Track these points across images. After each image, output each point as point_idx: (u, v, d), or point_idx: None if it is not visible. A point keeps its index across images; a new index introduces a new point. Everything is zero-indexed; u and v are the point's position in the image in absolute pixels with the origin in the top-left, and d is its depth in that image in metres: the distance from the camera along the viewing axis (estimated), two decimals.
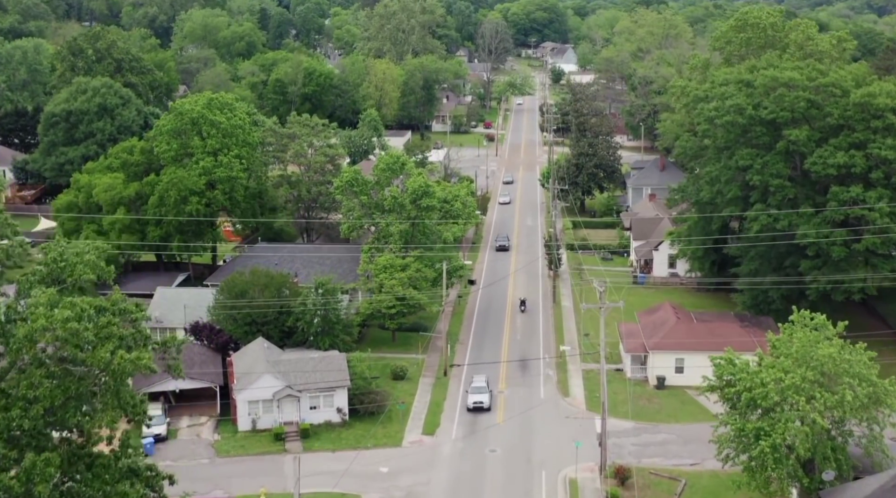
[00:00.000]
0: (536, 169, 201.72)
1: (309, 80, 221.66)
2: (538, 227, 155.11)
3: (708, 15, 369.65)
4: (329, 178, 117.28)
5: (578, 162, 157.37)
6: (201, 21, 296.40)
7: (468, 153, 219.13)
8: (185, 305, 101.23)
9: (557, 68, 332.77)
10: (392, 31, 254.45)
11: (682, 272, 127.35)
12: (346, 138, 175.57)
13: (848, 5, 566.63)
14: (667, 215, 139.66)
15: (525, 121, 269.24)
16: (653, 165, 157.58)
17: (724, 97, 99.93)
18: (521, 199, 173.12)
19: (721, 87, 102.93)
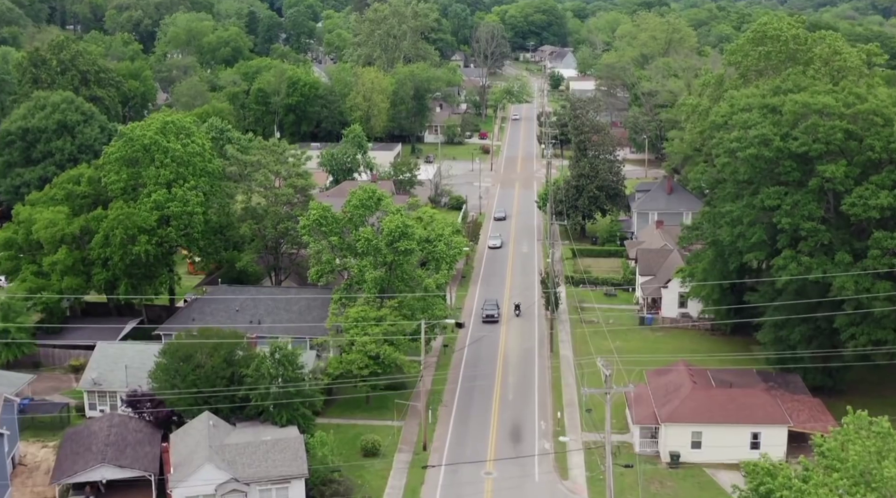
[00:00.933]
0: (534, 186, 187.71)
1: (293, 90, 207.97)
2: (534, 255, 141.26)
3: (711, 17, 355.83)
4: (298, 213, 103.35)
5: (578, 184, 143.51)
6: (185, 26, 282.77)
7: (461, 167, 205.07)
8: (128, 365, 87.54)
9: (556, 74, 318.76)
10: (382, 36, 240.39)
11: (694, 313, 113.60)
12: (327, 156, 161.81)
13: (852, 6, 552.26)
14: (676, 247, 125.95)
15: (522, 130, 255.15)
16: (659, 188, 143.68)
17: (747, 125, 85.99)
18: (516, 223, 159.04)
19: (743, 113, 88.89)
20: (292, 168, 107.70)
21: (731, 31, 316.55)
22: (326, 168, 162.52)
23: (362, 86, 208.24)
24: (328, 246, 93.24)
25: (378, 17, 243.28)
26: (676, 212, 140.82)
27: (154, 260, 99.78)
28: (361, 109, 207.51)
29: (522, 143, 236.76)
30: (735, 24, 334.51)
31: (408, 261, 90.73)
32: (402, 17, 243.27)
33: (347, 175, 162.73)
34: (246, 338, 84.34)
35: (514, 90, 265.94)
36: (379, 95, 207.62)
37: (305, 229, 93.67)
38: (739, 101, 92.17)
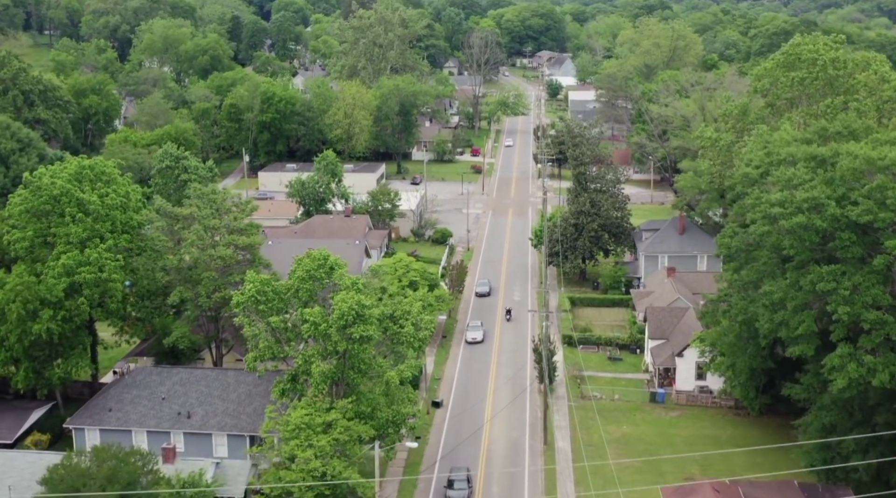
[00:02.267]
0: (528, 214, 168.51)
1: (267, 105, 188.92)
2: (528, 303, 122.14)
3: (716, 22, 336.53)
4: (237, 278, 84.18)
5: (577, 221, 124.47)
6: (162, 33, 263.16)
7: (450, 190, 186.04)
8: (11, 485, 68.69)
9: (554, 82, 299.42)
10: (368, 45, 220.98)
11: (714, 386, 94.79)
12: (297, 185, 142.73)
13: (857, 8, 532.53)
14: (692, 302, 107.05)
15: (518, 145, 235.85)
16: (670, 227, 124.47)
17: (792, 184, 66.88)
18: (508, 264, 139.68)
19: (784, 166, 69.78)
20: (234, 222, 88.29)
21: (738, 37, 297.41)
22: (296, 198, 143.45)
23: (343, 101, 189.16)
24: (267, 330, 74.13)
25: (363, 24, 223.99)
26: (690, 255, 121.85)
27: (60, 339, 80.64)
28: (342, 127, 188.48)
29: (518, 160, 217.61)
30: (742, 30, 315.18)
31: (364, 350, 71.65)
32: (389, 25, 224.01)
33: (320, 206, 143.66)
34: (154, 457, 65.36)
35: (510, 102, 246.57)
36: (361, 111, 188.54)
37: (239, 307, 74.51)
38: (778, 148, 73.02)
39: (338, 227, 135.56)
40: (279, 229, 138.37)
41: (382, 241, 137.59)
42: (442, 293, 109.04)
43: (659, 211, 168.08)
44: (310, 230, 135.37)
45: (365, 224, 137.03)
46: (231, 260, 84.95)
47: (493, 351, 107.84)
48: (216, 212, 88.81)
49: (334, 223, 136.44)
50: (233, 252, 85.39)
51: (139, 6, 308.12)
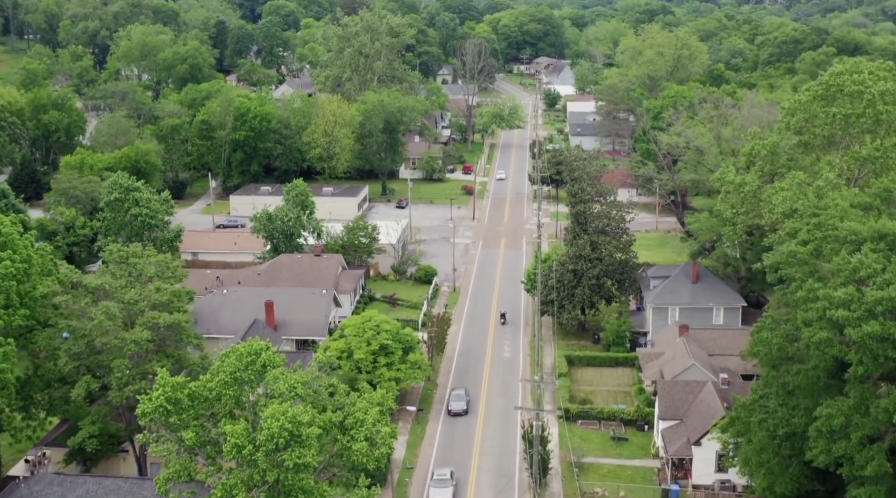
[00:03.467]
0: (522, 246, 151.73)
1: (241, 122, 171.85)
2: (519, 363, 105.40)
3: (721, 28, 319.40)
4: (155, 367, 67.23)
5: (576, 268, 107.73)
6: (139, 40, 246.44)
7: (438, 215, 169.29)
8: None
9: (552, 91, 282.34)
10: (353, 55, 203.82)
11: (738, 482, 78.19)
12: (262, 218, 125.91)
13: (862, 12, 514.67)
14: (709, 369, 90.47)
15: (513, 161, 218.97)
16: (682, 275, 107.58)
17: (858, 276, 50.08)
18: (498, 309, 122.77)
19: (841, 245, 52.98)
20: (156, 294, 71.19)
21: (744, 45, 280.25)
22: (263, 234, 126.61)
23: (322, 118, 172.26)
24: (179, 448, 57.30)
25: (348, 32, 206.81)
26: (704, 307, 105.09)
27: None
28: (321, 146, 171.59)
29: (512, 178, 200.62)
30: (747, 37, 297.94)
31: (301, 479, 54.87)
32: (376, 34, 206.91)
33: (289, 241, 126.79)
34: None
35: (505, 114, 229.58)
36: (342, 129, 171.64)
37: (146, 418, 57.60)
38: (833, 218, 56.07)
39: (306, 269, 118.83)
40: (241, 270, 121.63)
41: (357, 282, 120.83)
42: (419, 359, 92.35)
43: (665, 242, 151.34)
44: (274, 272, 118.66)
45: (337, 264, 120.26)
46: (147, 346, 67.87)
47: (477, 425, 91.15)
48: (135, 281, 71.86)
49: (302, 264, 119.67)
50: (151, 335, 68.28)
51: (119, 11, 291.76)
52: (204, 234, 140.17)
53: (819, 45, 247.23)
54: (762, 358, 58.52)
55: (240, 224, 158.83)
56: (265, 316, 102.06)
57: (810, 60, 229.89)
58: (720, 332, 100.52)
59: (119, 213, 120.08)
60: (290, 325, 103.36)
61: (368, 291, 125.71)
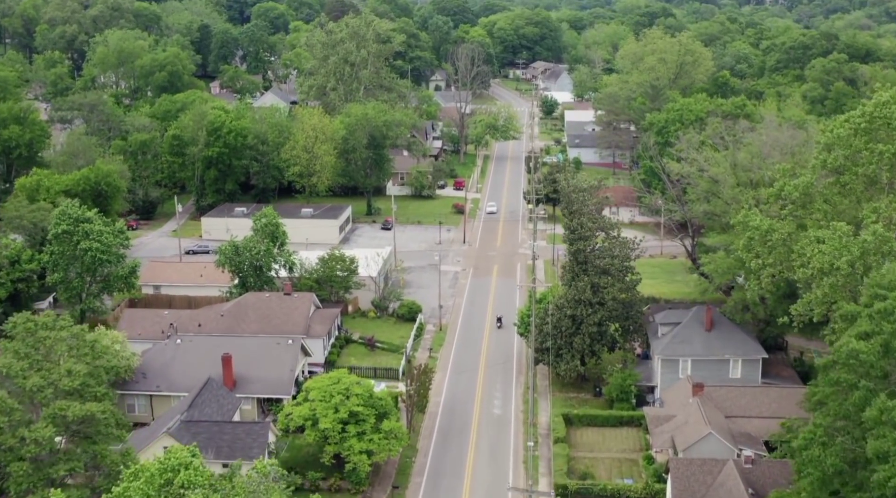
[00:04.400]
0: (517, 273, 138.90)
1: (214, 138, 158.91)
2: (511, 422, 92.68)
3: (724, 31, 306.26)
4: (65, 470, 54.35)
5: (575, 313, 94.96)
6: (116, 46, 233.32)
7: (426, 237, 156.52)
8: None
9: (549, 98, 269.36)
10: (338, 63, 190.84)
11: None
12: (228, 251, 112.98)
13: (865, 13, 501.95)
14: (728, 438, 77.86)
15: (508, 175, 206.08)
16: (694, 321, 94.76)
17: None
18: (488, 354, 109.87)
19: None
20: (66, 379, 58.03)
21: (749, 50, 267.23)
22: (229, 267, 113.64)
23: (302, 133, 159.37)
24: None
25: (332, 39, 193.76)
26: (720, 359, 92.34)
27: None
28: (301, 163, 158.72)
29: (507, 194, 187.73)
30: (752, 41, 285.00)
31: None
32: (362, 41, 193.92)
33: (258, 276, 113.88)
34: None
35: (499, 124, 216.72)
36: (323, 145, 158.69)
37: None
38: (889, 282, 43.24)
39: (275, 310, 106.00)
40: (203, 311, 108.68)
41: (332, 324, 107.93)
42: (395, 428, 79.57)
43: (672, 269, 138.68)
44: (239, 313, 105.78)
45: (309, 304, 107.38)
46: (49, 445, 55.00)
47: None
48: (43, 360, 58.98)
49: (270, 304, 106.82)
50: (57, 431, 55.40)
51: (98, 14, 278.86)
52: (167, 265, 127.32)
53: (828, 51, 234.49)
54: (813, 481, 45.67)
55: (211, 249, 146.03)
56: (223, 371, 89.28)
57: (820, 68, 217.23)
58: (739, 390, 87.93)
59: (68, 246, 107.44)
60: (250, 381, 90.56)
61: (345, 332, 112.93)
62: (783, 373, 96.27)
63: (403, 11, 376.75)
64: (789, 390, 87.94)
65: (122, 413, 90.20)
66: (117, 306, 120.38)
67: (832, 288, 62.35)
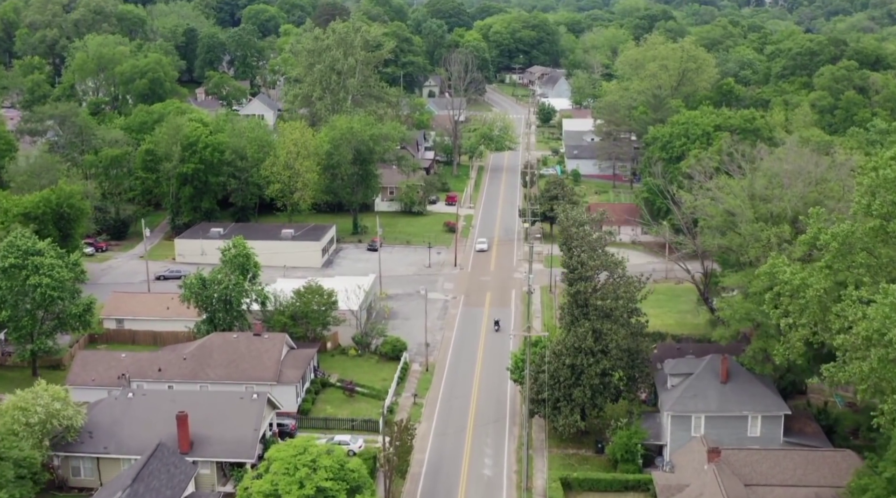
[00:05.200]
0: (511, 302, 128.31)
1: (189, 153, 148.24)
2: (503, 486, 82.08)
3: (726, 36, 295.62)
4: None
5: (575, 363, 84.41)
6: (95, 51, 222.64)
7: (415, 259, 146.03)
8: None
9: (547, 105, 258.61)
10: (324, 71, 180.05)
11: None
12: (195, 284, 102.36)
13: (868, 15, 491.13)
14: None
15: (503, 188, 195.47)
16: (708, 372, 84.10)
17: None
18: (478, 401, 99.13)
19: None
20: None
21: (753, 56, 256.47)
22: (194, 302, 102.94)
23: (283, 148, 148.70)
24: None
25: (318, 46, 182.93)
26: (737, 415, 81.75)
27: None
28: (281, 180, 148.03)
29: (501, 211, 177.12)
30: (756, 47, 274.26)
31: None
32: (350, 48, 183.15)
33: (228, 311, 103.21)
34: None
35: (494, 134, 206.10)
36: (305, 161, 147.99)
37: None
38: None
39: (243, 353, 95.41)
40: (163, 352, 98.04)
41: (306, 366, 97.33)
42: None
43: (678, 295, 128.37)
44: (203, 357, 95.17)
45: (281, 346, 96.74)
46: None
47: None
48: None
49: (238, 347, 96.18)
50: None
51: (80, 18, 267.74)
52: (131, 297, 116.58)
53: (836, 58, 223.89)
54: None
55: (183, 274, 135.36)
56: (177, 432, 78.61)
57: (829, 75, 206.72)
58: (759, 454, 77.32)
59: (16, 281, 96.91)
60: (209, 442, 79.82)
61: (322, 375, 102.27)
62: (807, 429, 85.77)
63: (397, 14, 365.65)
64: (816, 455, 77.50)
65: (66, 477, 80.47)
66: (76, 343, 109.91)
67: (881, 362, 51.91)
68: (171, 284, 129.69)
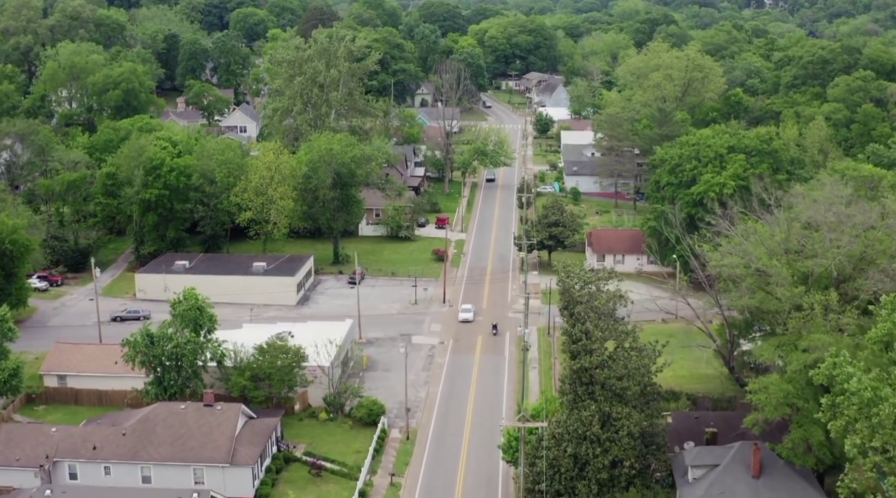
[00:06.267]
0: (505, 349, 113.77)
1: (153, 178, 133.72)
2: None
3: (731, 41, 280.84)
4: None
5: (579, 452, 70.08)
6: (67, 60, 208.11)
7: (400, 295, 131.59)
8: None
9: (545, 115, 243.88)
10: (305, 85, 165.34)
11: None
12: (139, 342, 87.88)
13: (871, 18, 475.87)
14: None
15: (497, 209, 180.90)
16: (736, 464, 69.71)
17: None
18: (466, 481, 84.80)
19: None
20: None
21: (761, 63, 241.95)
22: (139, 364, 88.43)
23: (255, 172, 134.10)
24: None
25: (299, 57, 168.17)
26: None
27: None
28: (253, 208, 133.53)
29: (495, 235, 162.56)
30: (763, 53, 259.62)
31: None
32: (332, 59, 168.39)
33: (179, 372, 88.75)
34: None
35: (489, 149, 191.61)
36: (279, 187, 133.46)
37: None
38: None
39: (191, 428, 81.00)
40: (100, 427, 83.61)
41: (266, 442, 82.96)
42: None
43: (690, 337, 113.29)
44: (146, 432, 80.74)
45: (236, 418, 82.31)
46: None
47: None
48: None
49: (186, 420, 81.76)
50: None
51: (56, 24, 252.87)
52: (76, 349, 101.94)
53: (850, 66, 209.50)
54: None
55: (142, 315, 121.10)
56: None
57: (844, 86, 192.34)
58: None
59: None
60: None
61: (286, 447, 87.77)
62: None
63: (391, 18, 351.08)
64: None
65: None
66: (10, 404, 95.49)
67: None
68: (128, 328, 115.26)
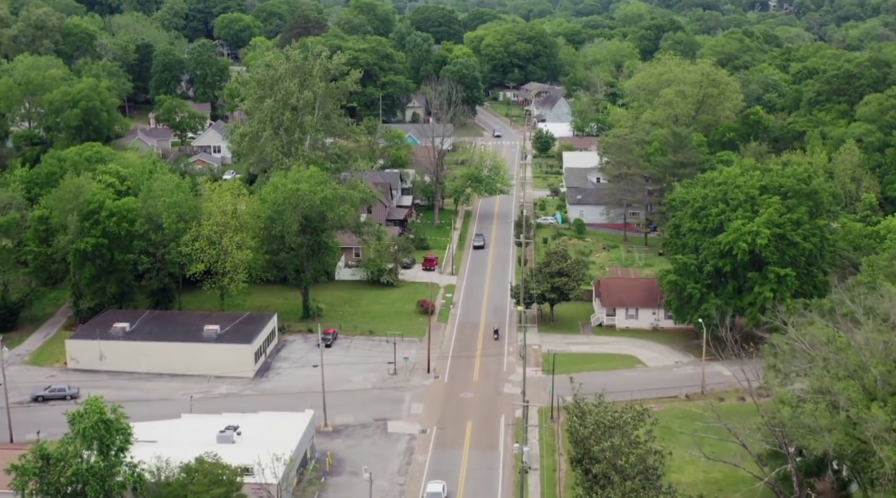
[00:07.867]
0: (500, 442, 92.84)
1: (91, 224, 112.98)
2: None
3: (743, 50, 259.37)
4: None
5: None
6: (23, 75, 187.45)
7: (377, 361, 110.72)
8: None
9: (545, 133, 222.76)
10: (276, 107, 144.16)
11: None
12: (32, 469, 67.03)
13: (881, 21, 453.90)
14: None
15: (493, 245, 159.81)
16: None
17: None
18: None
19: None
20: None
21: (778, 76, 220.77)
22: (30, 494, 67.73)
23: (207, 218, 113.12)
24: None
25: (269, 76, 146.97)
26: None
27: None
28: (204, 260, 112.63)
29: (490, 279, 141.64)
30: (780, 64, 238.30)
31: None
32: (307, 78, 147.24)
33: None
34: None
35: (483, 175, 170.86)
36: (236, 236, 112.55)
37: None
38: None
39: None
40: None
41: None
42: None
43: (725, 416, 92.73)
44: None
45: None
46: None
47: None
48: None
49: None
50: None
51: (19, 34, 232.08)
52: None
53: (880, 81, 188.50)
54: None
55: (69, 394, 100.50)
56: None
57: (876, 104, 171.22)
58: None
59: None
60: None
61: None
62: None
63: (383, 23, 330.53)
64: None
65: None
66: None
67: None
68: (52, 410, 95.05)
